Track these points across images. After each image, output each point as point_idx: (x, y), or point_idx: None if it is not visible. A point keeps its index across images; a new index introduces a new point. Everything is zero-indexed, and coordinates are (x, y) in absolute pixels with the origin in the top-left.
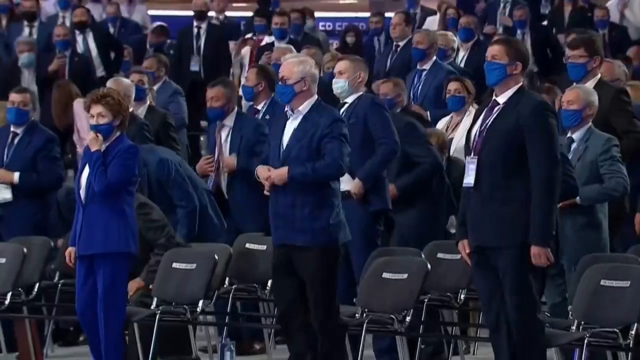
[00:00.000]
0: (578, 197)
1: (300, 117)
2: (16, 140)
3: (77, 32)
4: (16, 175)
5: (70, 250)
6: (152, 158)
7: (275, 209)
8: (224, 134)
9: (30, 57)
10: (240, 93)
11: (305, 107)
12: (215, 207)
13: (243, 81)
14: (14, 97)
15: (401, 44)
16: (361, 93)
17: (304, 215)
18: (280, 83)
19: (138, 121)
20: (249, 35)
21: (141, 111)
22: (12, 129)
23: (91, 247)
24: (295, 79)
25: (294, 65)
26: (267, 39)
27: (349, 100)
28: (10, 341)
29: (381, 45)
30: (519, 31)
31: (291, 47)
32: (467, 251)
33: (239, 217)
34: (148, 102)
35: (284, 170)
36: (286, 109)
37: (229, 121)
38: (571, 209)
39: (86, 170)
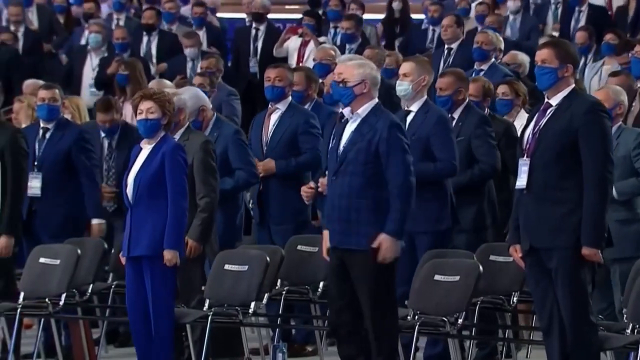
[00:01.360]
0: (615, 193)
1: (359, 119)
2: (47, 135)
3: (143, 33)
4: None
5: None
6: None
7: (331, 212)
8: (274, 116)
9: (97, 37)
10: None
11: (364, 110)
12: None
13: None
14: (43, 93)
15: (454, 46)
16: (425, 98)
17: (360, 219)
18: (340, 85)
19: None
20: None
21: None
22: (42, 124)
23: (138, 249)
24: (355, 81)
25: (354, 67)
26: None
27: (414, 108)
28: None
29: (435, 38)
30: (576, 7)
31: (335, 47)
32: (519, 255)
33: (272, 215)
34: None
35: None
36: (341, 110)
37: (283, 105)
38: (610, 205)
39: (134, 171)
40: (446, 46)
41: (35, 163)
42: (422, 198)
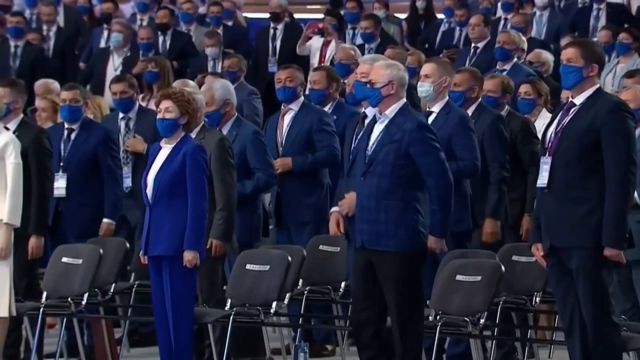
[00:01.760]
0: (638, 197)
1: (387, 120)
2: (72, 136)
3: (158, 33)
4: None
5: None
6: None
7: (360, 212)
8: (287, 117)
9: (118, 37)
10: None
11: (392, 110)
12: None
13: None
14: (64, 94)
15: (480, 45)
16: (446, 99)
17: (388, 220)
18: (367, 86)
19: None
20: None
21: None
22: (66, 125)
23: (156, 249)
24: (382, 82)
25: (382, 68)
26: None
27: (435, 109)
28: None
29: (462, 37)
30: (595, 6)
31: (355, 47)
32: (541, 254)
33: (291, 215)
34: None
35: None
36: (363, 109)
37: (295, 105)
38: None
39: (153, 170)
40: (473, 45)
41: (61, 164)
42: None
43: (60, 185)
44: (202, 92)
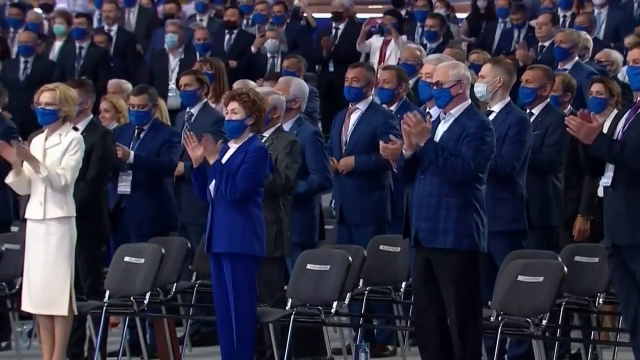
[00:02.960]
0: None
1: (451, 120)
2: (142, 135)
3: (225, 31)
4: (131, 156)
5: None
6: None
7: (419, 210)
8: (354, 116)
9: (173, 37)
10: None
11: (457, 110)
12: None
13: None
14: (132, 99)
15: (546, 44)
16: (507, 100)
17: (448, 217)
18: (434, 87)
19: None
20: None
21: None
22: (136, 126)
23: (216, 246)
24: (451, 83)
25: (449, 68)
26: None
27: (496, 108)
28: (150, 346)
29: (520, 37)
30: None
31: (421, 47)
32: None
33: (352, 215)
34: None
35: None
36: (427, 110)
37: (363, 105)
38: None
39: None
40: (539, 44)
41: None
42: (497, 197)
43: (125, 182)
44: (279, 81)
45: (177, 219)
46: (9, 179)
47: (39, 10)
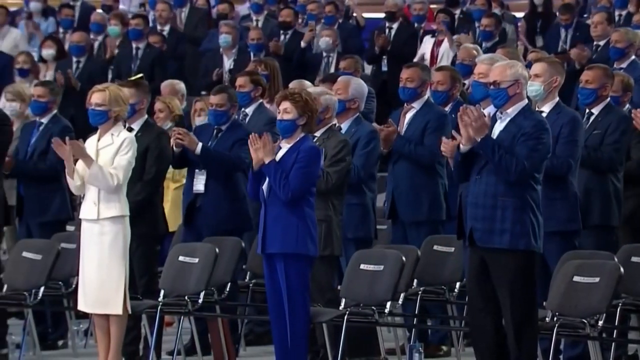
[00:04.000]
0: None
1: (508, 119)
2: (220, 135)
3: (281, 31)
4: (199, 147)
5: None
6: None
7: (474, 210)
8: (409, 115)
9: (227, 38)
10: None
11: (513, 110)
12: None
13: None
14: (211, 99)
15: (601, 43)
16: (557, 100)
17: (504, 217)
18: (491, 87)
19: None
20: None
21: None
22: (215, 126)
23: (269, 246)
24: (508, 82)
25: (505, 68)
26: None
27: (545, 109)
28: (205, 346)
29: (568, 37)
30: None
31: (477, 47)
32: None
33: (406, 214)
34: None
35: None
36: (481, 110)
37: (418, 104)
38: None
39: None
40: (594, 43)
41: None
42: (550, 197)
43: (199, 181)
44: (339, 80)
45: (251, 218)
46: (70, 181)
47: (100, 11)
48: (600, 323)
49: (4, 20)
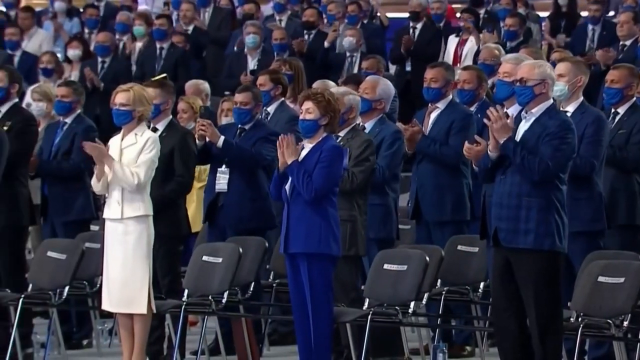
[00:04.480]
0: None
1: (532, 119)
2: (243, 134)
3: (304, 31)
4: (221, 140)
5: None
6: None
7: (499, 210)
8: (433, 115)
9: (255, 38)
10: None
11: (538, 110)
12: None
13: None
14: (236, 97)
15: (628, 42)
16: (581, 99)
17: (529, 217)
18: (518, 84)
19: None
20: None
21: None
22: (239, 125)
23: (292, 246)
24: (535, 81)
25: (533, 67)
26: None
27: (570, 109)
28: (228, 345)
29: (595, 36)
30: None
31: (500, 47)
32: None
33: (430, 214)
34: None
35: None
36: (505, 109)
37: (442, 104)
38: None
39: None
40: (621, 42)
41: (226, 159)
42: (575, 197)
43: (222, 180)
44: (366, 80)
45: (274, 216)
46: (93, 181)
47: (125, 12)
48: (626, 324)
49: (30, 24)
